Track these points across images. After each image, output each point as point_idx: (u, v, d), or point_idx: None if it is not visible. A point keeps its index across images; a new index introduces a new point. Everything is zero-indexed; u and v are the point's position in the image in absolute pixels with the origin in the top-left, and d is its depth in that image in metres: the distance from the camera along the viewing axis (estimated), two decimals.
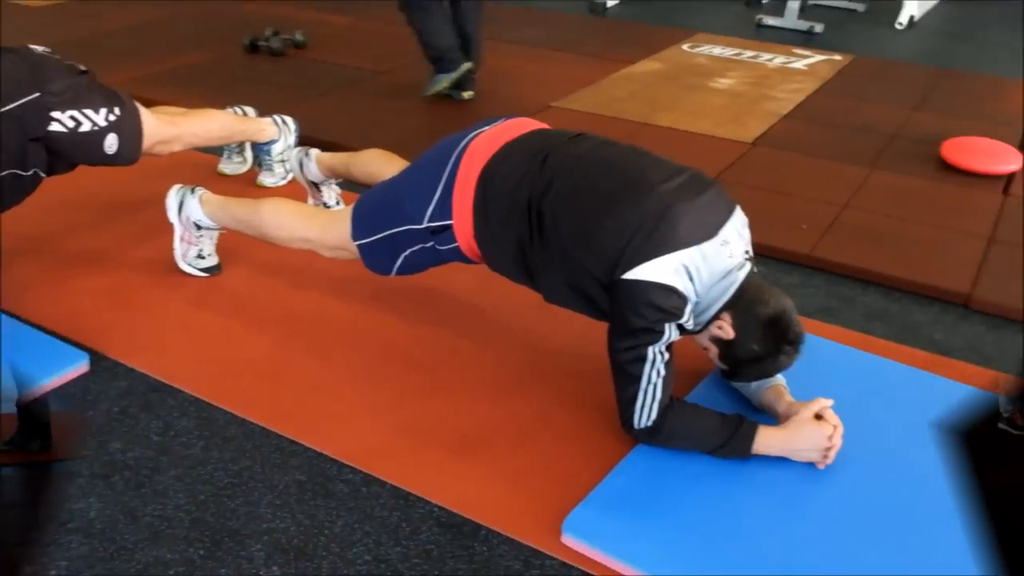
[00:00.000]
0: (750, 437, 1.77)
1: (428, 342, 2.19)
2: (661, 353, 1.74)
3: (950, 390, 2.06)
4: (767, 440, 1.77)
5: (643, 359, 1.74)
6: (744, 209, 1.91)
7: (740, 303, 1.78)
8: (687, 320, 1.76)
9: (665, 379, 1.75)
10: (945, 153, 3.40)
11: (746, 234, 1.88)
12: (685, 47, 4.91)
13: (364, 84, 4.11)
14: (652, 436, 1.78)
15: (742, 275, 1.79)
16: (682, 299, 1.73)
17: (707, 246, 1.76)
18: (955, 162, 3.35)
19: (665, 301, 1.72)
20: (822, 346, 2.19)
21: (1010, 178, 3.30)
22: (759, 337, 1.77)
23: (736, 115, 3.86)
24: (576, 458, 1.82)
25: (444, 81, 3.85)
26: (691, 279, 1.74)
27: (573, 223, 1.82)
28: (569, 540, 1.61)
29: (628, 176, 1.84)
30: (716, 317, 1.79)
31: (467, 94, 3.92)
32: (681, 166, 1.89)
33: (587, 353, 2.00)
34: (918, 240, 2.82)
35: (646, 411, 1.76)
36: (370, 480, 1.78)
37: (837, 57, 4.81)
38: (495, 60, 4.55)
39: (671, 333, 1.74)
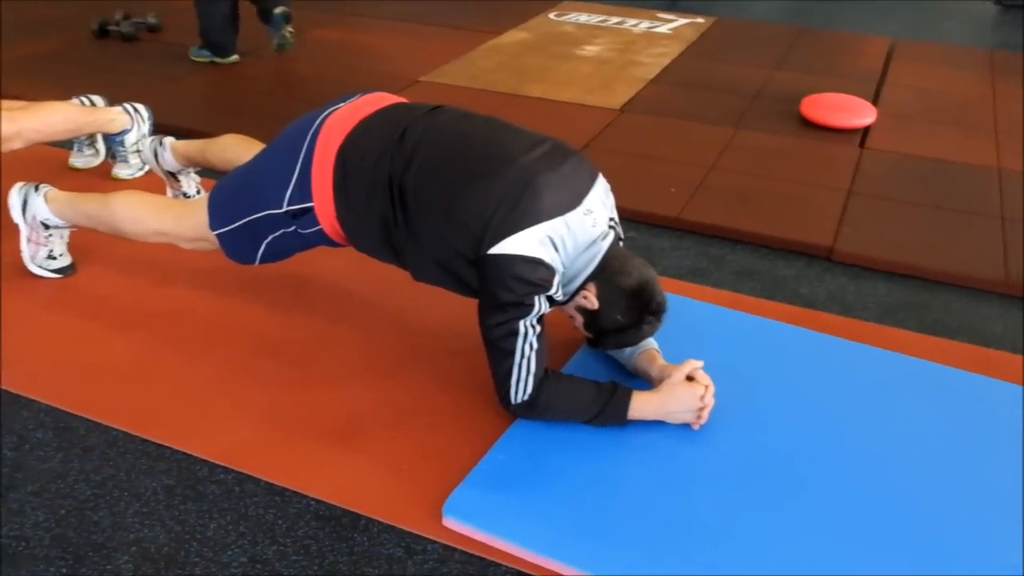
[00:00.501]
0: (625, 404, 1.78)
1: (300, 331, 2.13)
2: (532, 326, 1.73)
3: (815, 341, 2.13)
4: (642, 405, 1.79)
5: (515, 333, 1.72)
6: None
7: (604, 274, 1.79)
8: (556, 292, 1.75)
9: (538, 352, 1.74)
10: (804, 110, 3.50)
11: (609, 202, 1.89)
12: (552, 16, 4.90)
13: (221, 68, 3.95)
14: (529, 410, 1.78)
15: (606, 245, 1.80)
16: (550, 271, 1.72)
17: (571, 216, 1.75)
18: (814, 118, 3.45)
19: (533, 274, 1.71)
20: (693, 307, 2.23)
21: (866, 131, 3.43)
22: (623, 307, 1.79)
23: (604, 82, 3.88)
24: (455, 439, 1.80)
25: (204, 58, 3.99)
26: (557, 250, 1.74)
27: (436, 199, 1.78)
28: (450, 522, 1.60)
29: (489, 149, 1.82)
30: (582, 287, 1.80)
31: (234, 57, 4.00)
32: (542, 136, 1.88)
33: (462, 332, 1.97)
34: (782, 197, 2.90)
35: (521, 385, 1.75)
36: (243, 479, 1.72)
37: (700, 20, 4.89)
38: (359, 35, 4.46)
39: (541, 306, 1.73)
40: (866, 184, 3.01)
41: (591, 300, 1.79)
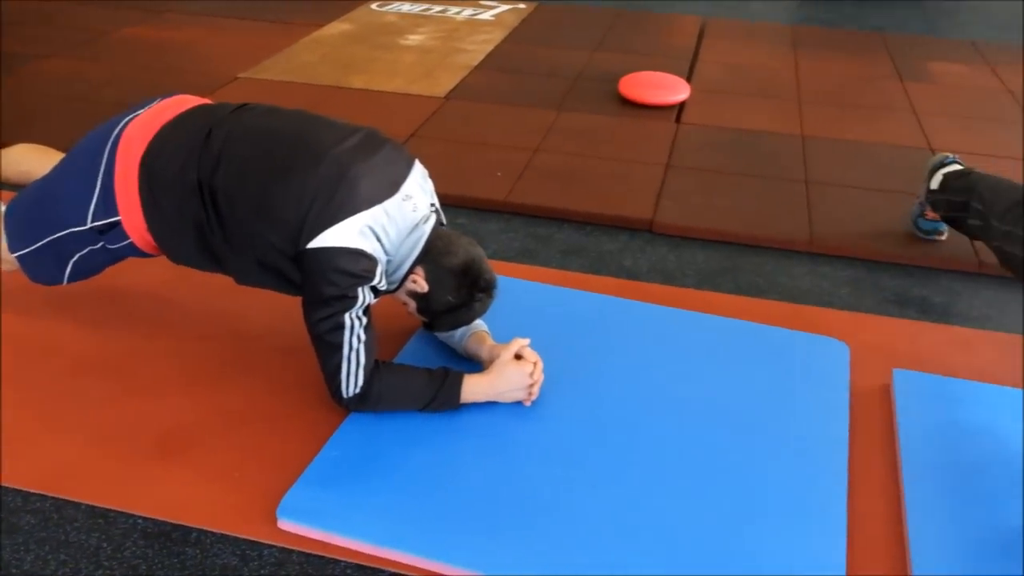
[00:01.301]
0: (457, 388, 1.79)
1: (118, 345, 2.04)
2: (359, 318, 1.72)
3: (639, 310, 2.21)
4: (473, 387, 1.81)
5: (341, 327, 1.71)
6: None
7: (430, 256, 1.80)
8: (379, 281, 1.75)
9: (367, 344, 1.73)
10: (622, 89, 3.61)
11: (428, 187, 1.90)
12: (374, 6, 4.85)
13: (18, 69, 3.71)
14: (362, 403, 1.77)
15: (428, 228, 1.81)
16: (372, 261, 1.71)
17: (390, 204, 1.75)
18: (632, 97, 3.57)
19: (354, 265, 1.69)
20: (522, 287, 2.27)
21: (681, 107, 3.57)
22: (452, 287, 1.80)
23: (428, 71, 3.88)
24: (288, 441, 1.77)
25: None
26: (378, 239, 1.73)
27: (250, 198, 1.74)
28: (286, 524, 1.57)
29: (300, 143, 1.79)
30: (410, 272, 1.80)
31: None
32: (354, 126, 1.86)
33: (288, 331, 1.94)
34: (604, 175, 2.98)
35: (352, 379, 1.73)
36: (62, 504, 1.64)
37: (522, 6, 4.96)
38: (174, 33, 4.29)
39: (366, 296, 1.72)
40: (683, 157, 3.13)
41: (420, 283, 1.80)
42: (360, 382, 1.74)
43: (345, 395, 1.75)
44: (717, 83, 3.89)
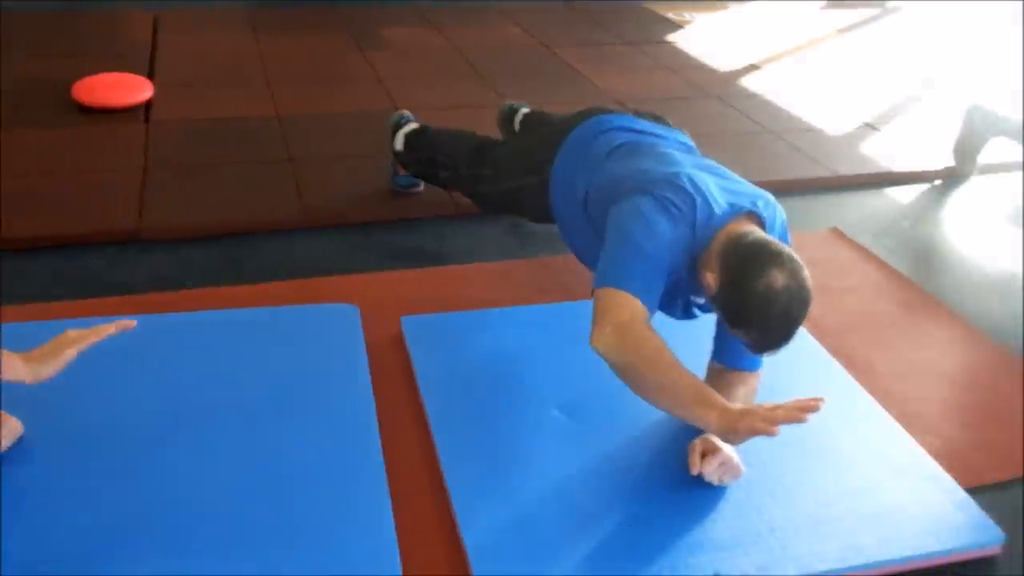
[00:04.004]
0: None
1: None
2: None
3: (145, 325, 2.05)
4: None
5: None
6: None
7: None
8: None
9: None
10: (78, 95, 3.33)
11: None
12: None
13: None
14: None
15: None
16: None
17: None
18: (90, 102, 3.30)
19: None
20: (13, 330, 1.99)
21: (148, 106, 3.39)
22: None
23: None
24: None
25: None
26: None
27: None
28: None
29: None
30: None
31: None
32: None
33: None
34: (77, 191, 2.73)
35: None
36: None
37: None
38: None
39: None
40: (160, 158, 2.98)
41: None
42: None
43: None
44: (182, 76, 3.75)
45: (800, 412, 1.48)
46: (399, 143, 2.65)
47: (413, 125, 2.67)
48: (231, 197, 2.76)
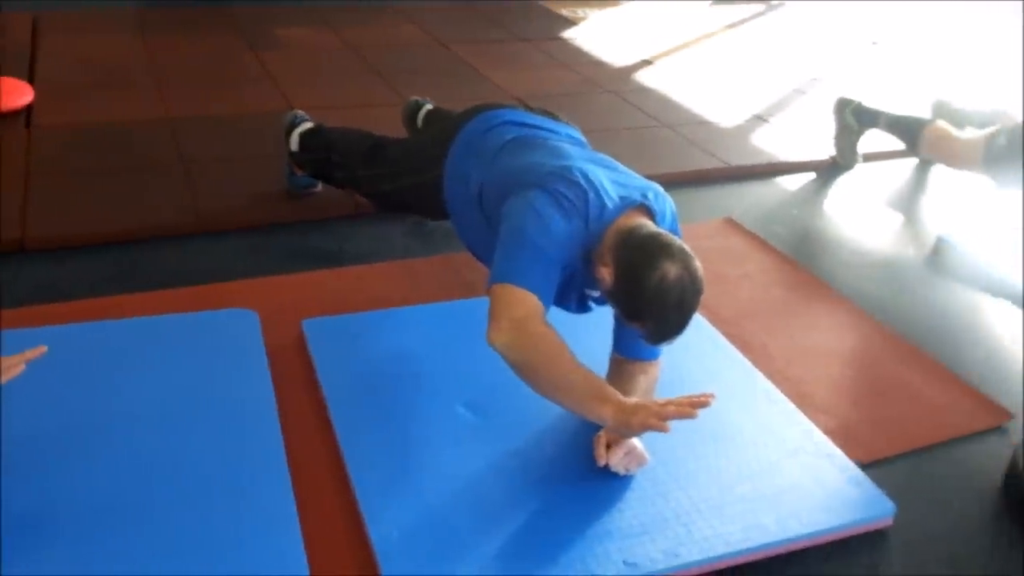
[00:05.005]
0: None
1: None
2: None
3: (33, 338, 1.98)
4: None
5: None
6: None
7: None
8: None
9: None
10: None
11: None
12: None
13: None
14: None
15: None
16: None
17: None
18: None
19: None
20: None
21: (28, 111, 3.25)
22: None
23: None
24: None
25: None
26: None
27: None
28: None
29: None
30: None
31: None
32: None
33: None
34: None
35: None
36: None
37: None
38: None
39: None
40: (44, 165, 2.86)
41: None
42: None
43: None
44: (66, 80, 3.61)
45: (690, 408, 1.53)
46: (294, 143, 2.61)
47: (308, 125, 2.64)
48: (121, 203, 2.67)
